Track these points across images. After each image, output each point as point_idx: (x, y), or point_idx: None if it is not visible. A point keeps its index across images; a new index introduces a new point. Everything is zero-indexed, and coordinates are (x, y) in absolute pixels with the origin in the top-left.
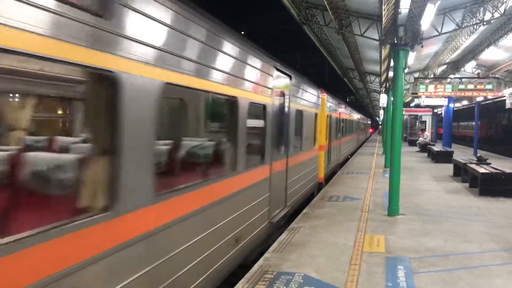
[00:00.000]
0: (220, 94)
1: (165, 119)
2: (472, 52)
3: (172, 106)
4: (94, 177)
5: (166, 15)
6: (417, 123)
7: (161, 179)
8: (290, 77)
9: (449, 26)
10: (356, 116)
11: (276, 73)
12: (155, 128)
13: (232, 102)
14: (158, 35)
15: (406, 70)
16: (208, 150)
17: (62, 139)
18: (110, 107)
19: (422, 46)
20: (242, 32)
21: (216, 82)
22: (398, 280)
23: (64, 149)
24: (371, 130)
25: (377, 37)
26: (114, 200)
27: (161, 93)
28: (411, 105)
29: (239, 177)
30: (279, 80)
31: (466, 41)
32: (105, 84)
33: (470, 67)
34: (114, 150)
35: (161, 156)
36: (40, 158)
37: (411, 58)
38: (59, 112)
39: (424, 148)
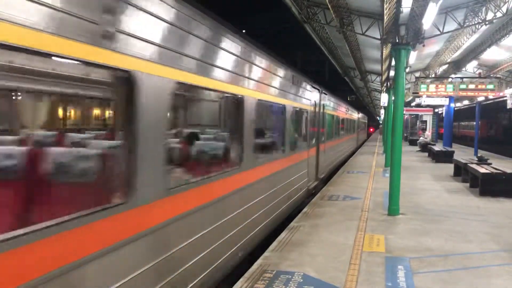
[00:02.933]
0: (294, 106)
1: (261, 122)
2: (473, 52)
3: (269, 113)
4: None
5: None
6: (417, 123)
7: (258, 153)
8: (319, 90)
9: (451, 26)
10: (356, 115)
11: (312, 89)
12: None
13: (294, 110)
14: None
15: (407, 70)
16: (277, 139)
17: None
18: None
19: (423, 45)
20: (244, 31)
21: (291, 100)
22: (398, 280)
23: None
24: (371, 129)
25: (378, 36)
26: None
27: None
28: (412, 104)
29: (292, 156)
30: (314, 94)
31: (467, 41)
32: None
33: (471, 67)
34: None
35: (264, 142)
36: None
37: (413, 57)
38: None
39: (424, 147)
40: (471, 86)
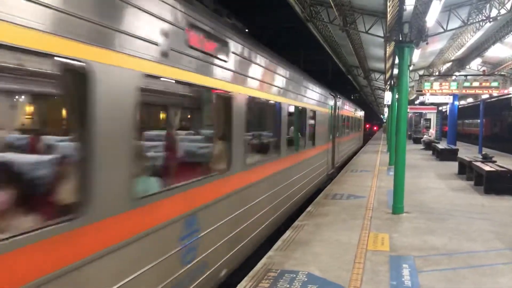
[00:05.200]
0: (320, 112)
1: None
2: (477, 49)
3: (308, 117)
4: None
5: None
6: (421, 121)
7: (290, 147)
8: (336, 96)
9: (455, 23)
10: (359, 113)
11: (330, 96)
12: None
13: (320, 114)
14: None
15: (411, 68)
16: (312, 134)
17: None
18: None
19: (427, 43)
20: (247, 30)
21: (320, 107)
22: (403, 279)
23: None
24: (375, 128)
25: (381, 34)
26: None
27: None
28: (416, 102)
29: (320, 147)
30: (331, 100)
31: (471, 38)
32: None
33: (475, 65)
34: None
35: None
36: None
37: (416, 55)
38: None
39: (428, 146)
40: (475, 84)
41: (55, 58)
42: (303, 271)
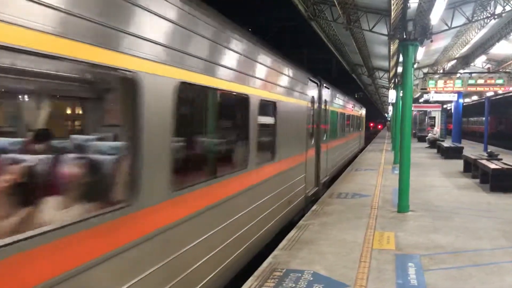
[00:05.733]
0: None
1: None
2: (482, 47)
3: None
4: None
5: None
6: (426, 119)
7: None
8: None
9: (459, 20)
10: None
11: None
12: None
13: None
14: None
15: (415, 65)
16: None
17: None
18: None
19: (431, 41)
20: (250, 29)
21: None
22: (409, 278)
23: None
24: (380, 126)
25: (385, 32)
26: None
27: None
28: (420, 100)
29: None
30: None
31: (476, 36)
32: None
33: (480, 62)
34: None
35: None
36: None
37: (420, 53)
38: None
39: (433, 144)
40: (480, 81)
41: (118, 71)
42: (308, 270)
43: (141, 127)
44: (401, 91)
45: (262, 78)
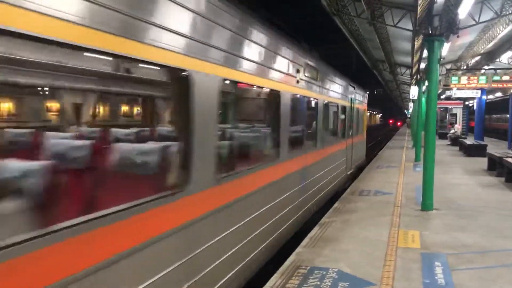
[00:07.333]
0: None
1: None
2: (509, 42)
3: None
4: None
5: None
6: (447, 116)
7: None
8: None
9: (487, 15)
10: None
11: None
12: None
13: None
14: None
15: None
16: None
17: None
18: None
19: (458, 36)
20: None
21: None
22: (436, 277)
23: None
24: (399, 123)
25: (410, 27)
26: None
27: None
28: (442, 97)
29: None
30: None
31: (504, 30)
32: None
33: (506, 58)
34: None
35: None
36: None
37: (445, 49)
38: None
39: (455, 141)
40: (505, 78)
41: (181, 71)
42: (333, 268)
43: (193, 121)
44: (424, 87)
45: (327, 87)
